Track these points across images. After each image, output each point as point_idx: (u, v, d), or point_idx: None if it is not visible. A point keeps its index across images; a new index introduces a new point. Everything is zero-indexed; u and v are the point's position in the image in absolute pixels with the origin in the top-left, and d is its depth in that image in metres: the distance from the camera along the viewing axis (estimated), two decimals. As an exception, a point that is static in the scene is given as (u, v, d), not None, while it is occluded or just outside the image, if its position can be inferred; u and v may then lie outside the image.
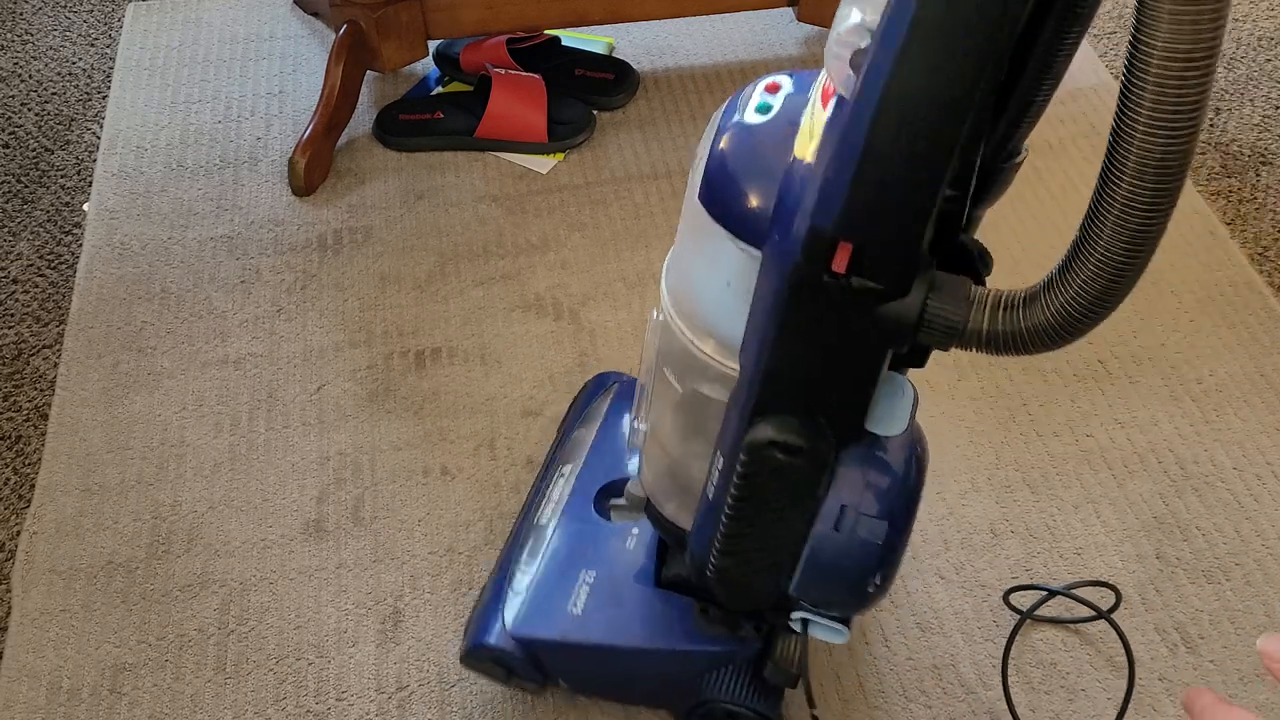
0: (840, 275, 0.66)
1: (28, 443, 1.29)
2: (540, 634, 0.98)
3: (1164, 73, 0.51)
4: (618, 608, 0.99)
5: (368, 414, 1.30)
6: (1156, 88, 0.51)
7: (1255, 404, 1.32)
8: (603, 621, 0.98)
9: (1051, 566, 1.18)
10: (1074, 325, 0.64)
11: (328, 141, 1.58)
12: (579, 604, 0.99)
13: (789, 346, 0.71)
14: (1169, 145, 0.54)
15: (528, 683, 1.02)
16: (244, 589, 1.16)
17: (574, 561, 1.02)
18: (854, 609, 0.85)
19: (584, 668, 1.02)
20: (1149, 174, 0.56)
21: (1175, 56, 0.50)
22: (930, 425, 1.29)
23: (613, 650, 0.98)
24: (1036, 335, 0.65)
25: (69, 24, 1.84)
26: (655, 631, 0.97)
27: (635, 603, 0.99)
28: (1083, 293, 0.64)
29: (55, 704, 1.08)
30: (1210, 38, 0.50)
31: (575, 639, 0.98)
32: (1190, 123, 0.52)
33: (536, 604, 1.00)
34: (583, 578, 1.00)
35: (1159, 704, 1.08)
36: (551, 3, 1.60)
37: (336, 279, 1.45)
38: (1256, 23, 1.85)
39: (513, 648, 0.98)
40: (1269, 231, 1.52)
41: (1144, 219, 0.58)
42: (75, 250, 1.50)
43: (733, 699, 0.96)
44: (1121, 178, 0.56)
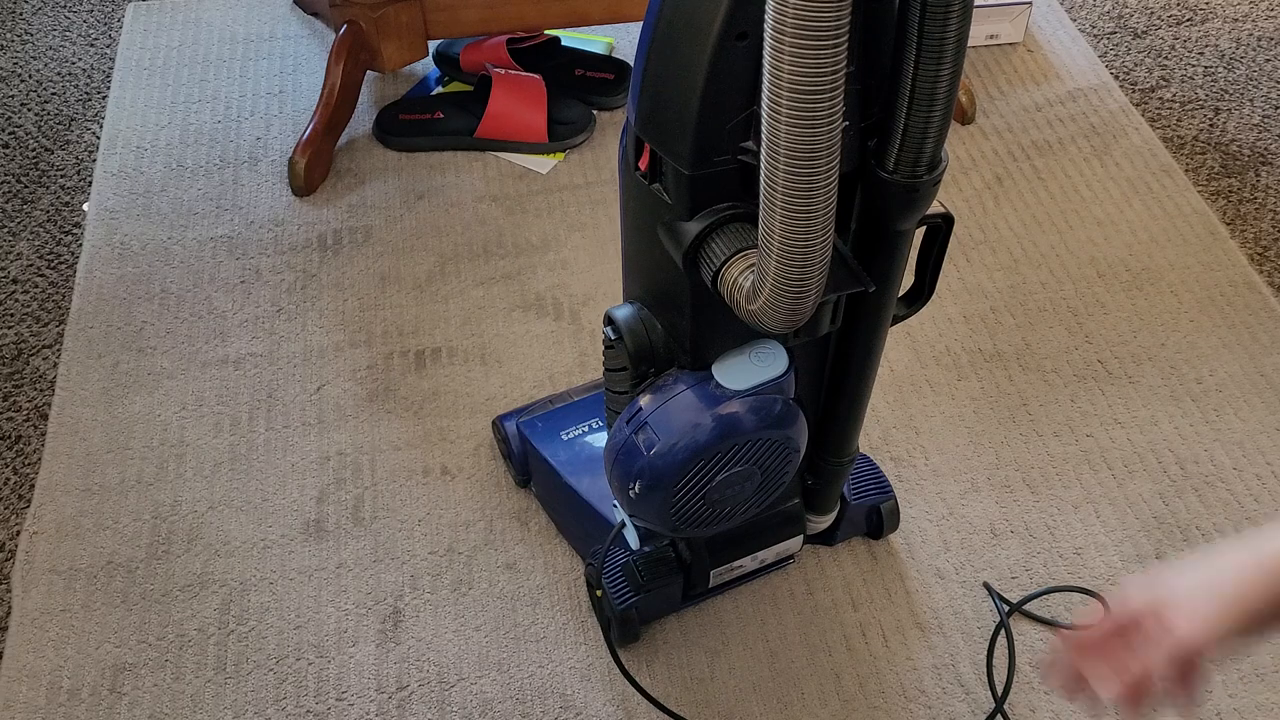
0: (643, 174, 0.75)
1: (28, 443, 1.29)
2: (532, 436, 1.16)
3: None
4: (588, 455, 1.13)
5: (368, 414, 1.30)
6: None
7: (1255, 404, 1.32)
8: (571, 456, 1.13)
9: (1051, 566, 1.18)
10: (775, 326, 0.72)
11: (328, 141, 1.58)
12: (570, 432, 1.16)
13: (626, 233, 0.81)
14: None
15: (514, 469, 1.21)
16: (244, 589, 1.16)
17: (599, 411, 1.17)
18: (627, 508, 0.92)
19: (546, 483, 1.17)
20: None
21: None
22: (930, 425, 1.30)
23: (561, 481, 1.12)
24: (749, 317, 0.73)
25: (69, 24, 1.84)
26: (592, 486, 1.10)
27: (600, 460, 1.06)
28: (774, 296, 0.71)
29: (55, 704, 1.08)
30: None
31: (547, 455, 1.14)
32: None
33: (549, 418, 1.18)
34: (591, 422, 1.17)
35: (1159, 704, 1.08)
36: (551, 3, 1.60)
37: (336, 279, 1.45)
38: (1256, 23, 1.85)
39: (514, 436, 1.19)
40: (1269, 231, 1.52)
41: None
42: (75, 250, 1.50)
43: (605, 572, 1.08)
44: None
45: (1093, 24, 1.85)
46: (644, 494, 0.87)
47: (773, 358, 0.86)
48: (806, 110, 0.60)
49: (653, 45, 0.69)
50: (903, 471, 1.25)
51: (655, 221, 0.77)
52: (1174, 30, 1.84)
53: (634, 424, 0.86)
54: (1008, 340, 1.38)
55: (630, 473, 0.87)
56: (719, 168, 0.71)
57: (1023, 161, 1.61)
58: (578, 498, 1.10)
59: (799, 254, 0.67)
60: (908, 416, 1.30)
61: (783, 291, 0.69)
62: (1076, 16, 1.86)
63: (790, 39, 0.58)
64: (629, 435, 0.86)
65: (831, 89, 0.60)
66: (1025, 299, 1.43)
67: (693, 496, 0.87)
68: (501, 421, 1.22)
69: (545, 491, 1.20)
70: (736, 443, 0.85)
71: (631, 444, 0.86)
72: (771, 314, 0.71)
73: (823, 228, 0.66)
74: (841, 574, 1.17)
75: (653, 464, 0.85)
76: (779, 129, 0.62)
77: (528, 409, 1.21)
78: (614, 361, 0.88)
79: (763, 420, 0.86)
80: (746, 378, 0.85)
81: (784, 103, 0.61)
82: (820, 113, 0.61)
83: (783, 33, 0.58)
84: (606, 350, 0.88)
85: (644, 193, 0.76)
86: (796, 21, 0.58)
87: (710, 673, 1.10)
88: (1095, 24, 1.85)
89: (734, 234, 0.73)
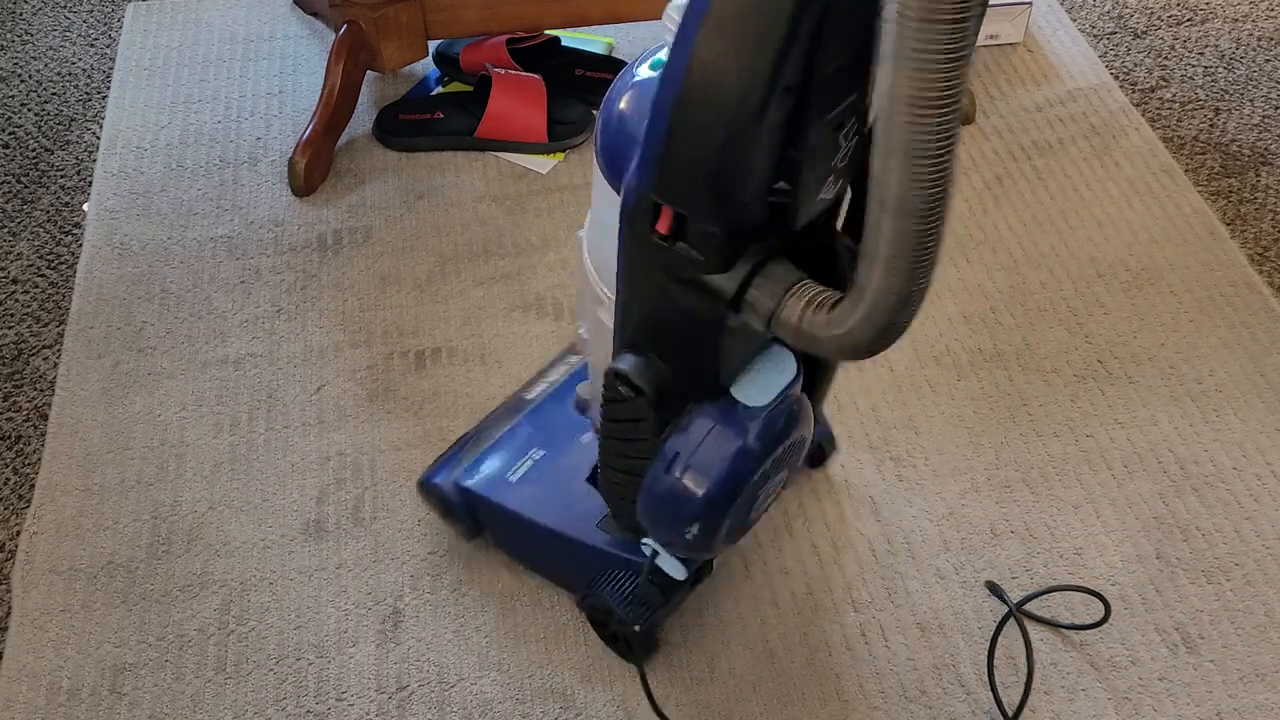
0: (664, 236, 0.70)
1: (28, 443, 1.29)
2: (474, 488, 1.10)
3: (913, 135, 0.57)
4: (547, 488, 1.09)
5: (368, 414, 1.30)
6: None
7: (1255, 404, 1.32)
8: (526, 494, 1.09)
9: (1051, 566, 1.18)
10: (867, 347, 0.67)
11: (328, 141, 1.58)
12: (517, 474, 1.10)
13: (631, 289, 0.78)
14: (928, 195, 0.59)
15: (461, 527, 1.14)
16: (244, 589, 1.16)
17: (533, 438, 1.12)
18: (679, 550, 0.92)
19: (506, 530, 1.12)
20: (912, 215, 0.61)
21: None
22: (930, 425, 1.29)
23: (523, 520, 1.08)
24: (835, 342, 0.68)
25: (69, 24, 1.84)
26: (563, 517, 1.07)
27: (563, 489, 1.08)
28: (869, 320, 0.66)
29: (55, 704, 1.08)
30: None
31: (496, 500, 1.09)
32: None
33: (486, 463, 1.11)
34: (531, 454, 1.11)
35: (1159, 704, 1.08)
36: (551, 3, 1.60)
37: (336, 279, 1.45)
38: (1256, 23, 1.85)
39: (453, 493, 1.11)
40: (1269, 231, 1.52)
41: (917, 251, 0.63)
42: (75, 250, 1.50)
43: (611, 598, 1.05)
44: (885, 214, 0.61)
45: (1093, 24, 1.85)
46: (701, 534, 0.85)
47: (780, 363, 0.85)
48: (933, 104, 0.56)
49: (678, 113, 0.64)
50: (903, 471, 1.25)
51: (671, 277, 0.73)
52: (1174, 30, 1.84)
53: (675, 469, 0.83)
54: (1008, 340, 1.38)
55: (685, 518, 0.85)
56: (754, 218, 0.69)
57: (1023, 161, 1.61)
58: (557, 535, 1.07)
59: (916, 265, 0.63)
60: (908, 416, 1.30)
61: (888, 309, 0.65)
62: (1076, 16, 1.86)
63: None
64: (675, 482, 0.83)
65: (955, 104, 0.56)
66: (1025, 299, 1.43)
67: (740, 516, 0.87)
68: (432, 482, 1.13)
69: (508, 538, 1.14)
70: (774, 455, 0.85)
71: (678, 490, 0.84)
72: (867, 334, 0.66)
73: (940, 232, 0.62)
74: (842, 575, 1.17)
75: (706, 504, 0.83)
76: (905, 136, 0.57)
77: (453, 459, 1.14)
78: (628, 414, 0.84)
79: (789, 424, 0.85)
80: (766, 391, 0.84)
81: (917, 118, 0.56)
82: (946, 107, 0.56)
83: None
84: (616, 405, 0.84)
85: (656, 251, 0.72)
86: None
87: (710, 673, 1.10)
88: (1095, 24, 1.85)
89: (777, 275, 0.71)
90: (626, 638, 1.07)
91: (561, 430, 1.13)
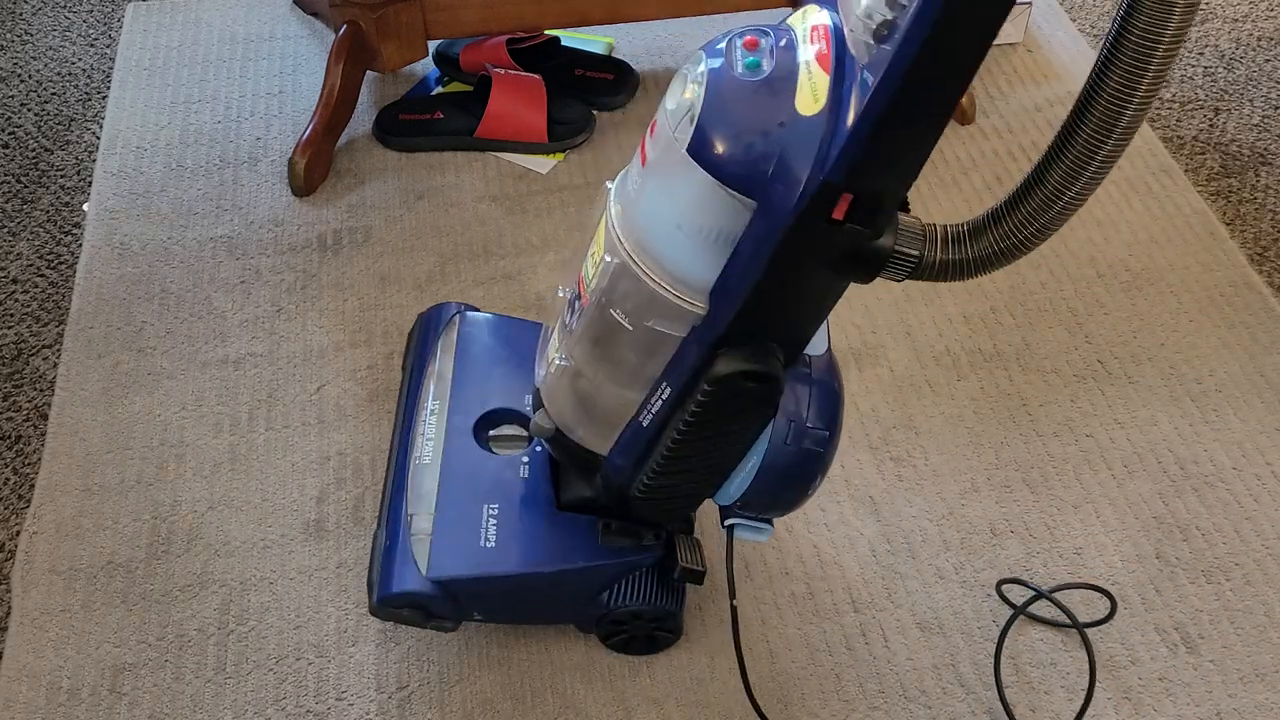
0: (838, 222, 0.73)
1: (28, 443, 1.29)
2: (458, 572, 1.01)
3: (1137, 53, 0.64)
4: (527, 536, 1.03)
5: (368, 414, 1.30)
6: (1130, 65, 0.64)
7: (1255, 404, 1.32)
8: (515, 551, 1.02)
9: (1051, 566, 1.18)
10: (1014, 252, 0.75)
11: (328, 141, 1.58)
12: (490, 538, 1.02)
13: (773, 284, 0.78)
14: (1135, 111, 0.67)
15: (445, 622, 1.04)
16: (244, 589, 1.16)
17: (473, 497, 1.05)
18: (792, 510, 0.94)
19: (500, 597, 1.06)
20: (1114, 129, 0.68)
21: (1148, 41, 0.63)
22: (930, 425, 1.30)
23: (529, 576, 1.02)
24: (980, 262, 0.76)
25: (69, 24, 1.84)
26: (566, 552, 1.03)
27: (542, 528, 1.04)
28: (1027, 223, 0.74)
29: (55, 704, 1.08)
30: (1177, 29, 0.62)
31: (493, 571, 1.01)
32: (1150, 96, 0.66)
33: (448, 544, 1.02)
34: (486, 511, 1.04)
35: (1159, 704, 1.08)
36: (551, 3, 1.60)
37: (336, 279, 1.45)
38: (1256, 23, 1.85)
39: (431, 590, 1.00)
40: (1269, 231, 1.52)
41: (1100, 165, 0.70)
42: (75, 250, 1.50)
43: (640, 602, 1.04)
44: (1084, 128, 0.69)
45: (1093, 24, 1.85)
46: (821, 481, 0.91)
47: None
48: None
49: (891, 120, 0.70)
50: (903, 471, 1.25)
51: (824, 257, 0.77)
52: (1174, 30, 1.83)
53: (799, 437, 0.87)
54: (1008, 340, 1.38)
55: (814, 476, 0.90)
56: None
57: (1023, 161, 1.61)
58: (566, 573, 1.03)
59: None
60: (908, 416, 1.30)
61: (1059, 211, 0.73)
62: (1076, 16, 1.86)
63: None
64: (799, 448, 0.87)
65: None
66: (1025, 299, 1.43)
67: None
68: (396, 594, 1.00)
69: (504, 606, 1.08)
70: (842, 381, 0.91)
71: (808, 453, 0.88)
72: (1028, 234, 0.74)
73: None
74: (842, 575, 1.17)
75: (833, 453, 0.89)
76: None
77: (398, 565, 1.01)
78: (747, 407, 0.85)
79: (835, 361, 0.91)
80: (820, 339, 0.88)
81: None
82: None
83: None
84: (730, 403, 0.84)
85: (821, 236, 0.75)
86: None
87: (710, 673, 1.10)
88: (1095, 24, 1.85)
89: (909, 224, 0.77)
90: (658, 629, 1.08)
91: (492, 476, 1.07)
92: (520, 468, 1.07)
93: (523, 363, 1.13)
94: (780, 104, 0.74)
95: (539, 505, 1.05)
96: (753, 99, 0.75)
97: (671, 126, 0.78)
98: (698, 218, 0.78)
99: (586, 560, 1.03)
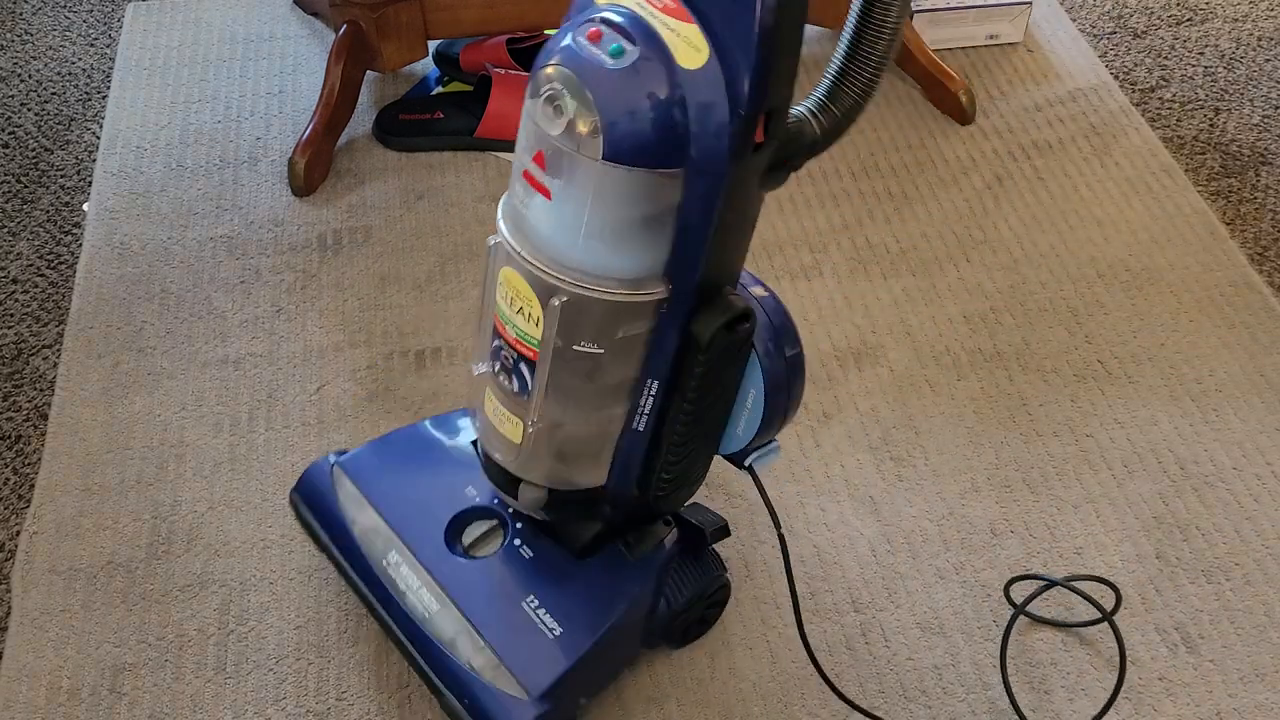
0: (761, 144, 0.76)
1: (28, 443, 1.29)
2: (555, 673, 0.95)
3: None
4: (579, 601, 0.99)
5: (368, 414, 1.30)
6: None
7: (1255, 404, 1.32)
8: (582, 620, 0.98)
9: (1051, 566, 1.18)
10: (868, 92, 0.80)
11: (328, 141, 1.58)
12: (552, 627, 0.97)
13: (723, 232, 0.81)
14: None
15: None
16: (244, 589, 1.16)
17: (506, 604, 0.99)
18: (787, 421, 0.95)
19: (595, 668, 1.00)
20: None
21: None
22: (930, 425, 1.30)
23: (609, 632, 0.98)
24: (847, 114, 0.81)
25: (69, 24, 1.84)
26: (617, 591, 0.99)
27: (582, 587, 1.00)
28: (868, 63, 0.79)
29: (55, 704, 1.08)
30: None
31: (582, 650, 0.96)
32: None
33: (523, 657, 0.96)
34: (528, 607, 0.98)
35: (1159, 704, 1.08)
36: (551, 3, 1.60)
37: (336, 279, 1.45)
38: (1256, 23, 1.85)
39: (545, 706, 0.94)
40: (1269, 231, 1.52)
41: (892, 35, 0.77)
42: (75, 250, 1.50)
43: (693, 586, 1.03)
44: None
45: (1093, 24, 1.85)
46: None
47: None
48: None
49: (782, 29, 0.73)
50: (903, 471, 1.25)
51: (759, 179, 0.80)
52: (1174, 30, 1.84)
53: (778, 348, 0.89)
54: (1008, 340, 1.38)
55: (802, 379, 0.92)
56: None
57: (1023, 161, 1.61)
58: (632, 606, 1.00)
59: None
60: (908, 416, 1.30)
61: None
62: (1076, 16, 1.86)
63: None
64: (784, 359, 0.90)
65: None
66: (1025, 299, 1.43)
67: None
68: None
69: (599, 673, 1.03)
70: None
71: (793, 359, 0.90)
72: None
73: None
74: (842, 575, 1.17)
75: (800, 344, 0.91)
76: None
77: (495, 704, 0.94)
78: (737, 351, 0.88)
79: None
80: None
81: None
82: None
83: None
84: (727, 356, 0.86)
85: (753, 167, 0.78)
86: None
87: (710, 673, 1.10)
88: (1095, 24, 1.85)
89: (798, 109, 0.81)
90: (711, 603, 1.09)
91: (500, 576, 1.01)
92: (518, 550, 1.02)
93: (433, 463, 1.08)
94: (667, 71, 0.75)
95: (563, 569, 1.00)
96: (641, 81, 0.75)
97: (573, 147, 0.77)
98: (632, 212, 0.79)
99: (640, 585, 1.00)
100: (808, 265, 1.47)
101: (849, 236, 1.51)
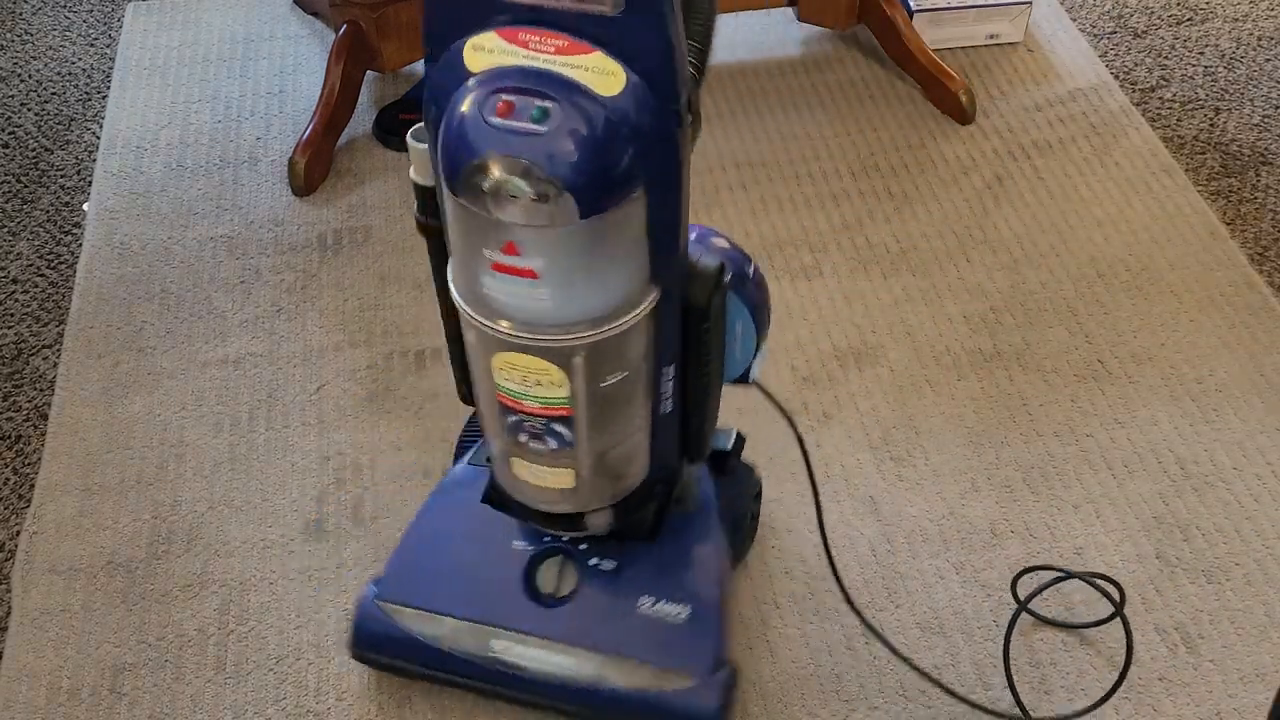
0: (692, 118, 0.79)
1: (28, 443, 1.29)
2: (714, 645, 0.99)
3: None
4: (684, 578, 1.02)
5: (368, 414, 1.30)
6: None
7: (1255, 404, 1.32)
8: (698, 589, 1.02)
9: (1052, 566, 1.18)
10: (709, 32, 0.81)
11: (328, 141, 1.58)
12: (679, 611, 1.00)
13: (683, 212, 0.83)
14: None
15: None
16: (244, 589, 1.16)
17: (627, 619, 1.00)
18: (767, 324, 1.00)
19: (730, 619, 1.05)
20: None
21: None
22: (930, 425, 1.30)
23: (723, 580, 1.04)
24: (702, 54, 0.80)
25: (69, 24, 1.85)
26: (704, 546, 1.04)
27: (676, 561, 1.03)
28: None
29: (55, 704, 1.08)
30: None
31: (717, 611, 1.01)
32: None
33: (679, 651, 0.99)
34: (645, 609, 1.00)
35: (1159, 704, 1.08)
36: (551, 3, 1.60)
37: (336, 279, 1.45)
38: (1256, 23, 1.85)
39: (725, 675, 0.99)
40: (1269, 231, 1.52)
41: None
42: (75, 250, 1.50)
43: (746, 492, 1.13)
44: None
45: (1093, 24, 1.85)
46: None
47: None
48: None
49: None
50: (903, 471, 1.25)
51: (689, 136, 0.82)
52: (1174, 30, 1.84)
53: (741, 275, 0.94)
54: (1008, 340, 1.38)
55: (766, 282, 0.98)
56: None
57: (1023, 161, 1.61)
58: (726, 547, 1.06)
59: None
60: (907, 416, 1.30)
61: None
62: (1076, 16, 1.86)
63: None
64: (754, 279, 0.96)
65: None
66: (1025, 299, 1.43)
67: None
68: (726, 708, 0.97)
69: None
70: None
71: (759, 279, 0.97)
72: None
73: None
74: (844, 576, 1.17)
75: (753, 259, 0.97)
76: None
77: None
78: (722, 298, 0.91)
79: None
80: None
81: None
82: None
83: None
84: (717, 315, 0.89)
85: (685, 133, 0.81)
86: None
87: (710, 673, 1.10)
88: (1095, 24, 1.85)
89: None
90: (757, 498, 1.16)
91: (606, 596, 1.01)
92: (598, 568, 1.02)
93: (463, 540, 1.06)
94: (596, 107, 0.73)
95: (647, 558, 1.01)
96: (579, 131, 0.73)
97: (545, 223, 0.75)
98: (618, 245, 0.80)
99: (713, 525, 1.05)
100: (808, 265, 1.47)
101: (849, 236, 1.51)
